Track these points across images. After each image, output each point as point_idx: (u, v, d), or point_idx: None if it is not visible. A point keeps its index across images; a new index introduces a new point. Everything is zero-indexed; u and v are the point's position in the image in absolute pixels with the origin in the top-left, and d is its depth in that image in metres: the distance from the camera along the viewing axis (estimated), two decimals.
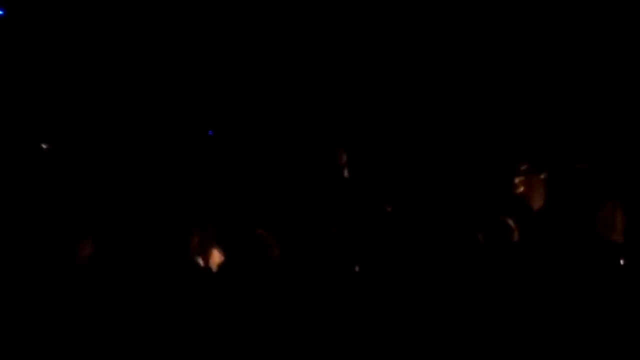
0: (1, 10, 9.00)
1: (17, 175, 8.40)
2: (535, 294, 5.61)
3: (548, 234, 6.88)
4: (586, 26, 8.78)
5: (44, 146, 8.69)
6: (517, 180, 7.88)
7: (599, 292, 5.61)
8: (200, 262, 6.26)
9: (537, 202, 7.85)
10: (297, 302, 5.81)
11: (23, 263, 6.28)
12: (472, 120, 9.07)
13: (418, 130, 9.09)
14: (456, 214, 7.55)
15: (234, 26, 9.15)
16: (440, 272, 5.91)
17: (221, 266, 6.34)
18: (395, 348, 5.62)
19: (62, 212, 7.88)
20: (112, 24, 9.09)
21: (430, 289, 5.80)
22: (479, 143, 8.91)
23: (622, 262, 5.98)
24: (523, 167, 7.96)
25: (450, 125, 9.12)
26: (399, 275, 5.96)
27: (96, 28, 9.08)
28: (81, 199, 8.21)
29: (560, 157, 8.33)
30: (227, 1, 9.17)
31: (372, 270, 6.17)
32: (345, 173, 7.86)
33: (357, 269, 6.11)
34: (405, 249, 6.48)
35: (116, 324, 5.86)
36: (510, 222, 6.19)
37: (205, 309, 5.86)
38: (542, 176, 7.92)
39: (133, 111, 9.12)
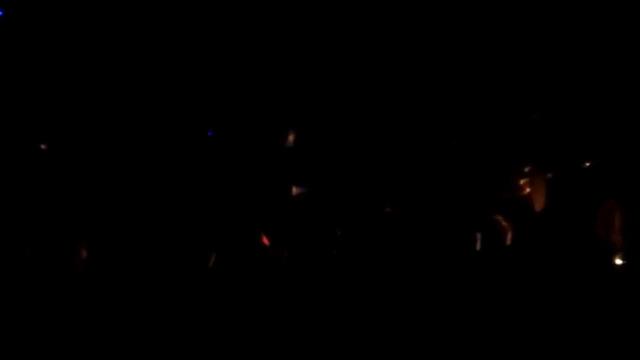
0: (1, 10, 9.00)
1: (16, 176, 8.41)
2: (535, 293, 5.61)
3: (549, 234, 6.88)
4: (586, 27, 8.78)
5: (43, 147, 8.69)
6: (521, 181, 7.90)
7: (599, 291, 5.61)
8: (202, 263, 6.27)
9: (539, 203, 7.86)
10: (295, 302, 5.82)
11: (23, 264, 6.28)
12: (475, 122, 9.07)
13: (421, 131, 9.08)
14: (457, 214, 7.55)
15: (233, 26, 9.15)
16: (440, 271, 5.91)
17: (221, 267, 6.36)
18: (395, 347, 5.62)
19: (61, 213, 7.89)
20: (112, 24, 9.08)
21: (429, 288, 5.80)
22: (481, 145, 8.91)
23: (620, 261, 5.99)
24: (526, 169, 7.97)
25: (453, 127, 9.12)
26: (398, 275, 5.96)
27: (96, 28, 9.07)
28: (80, 200, 8.22)
29: (560, 158, 8.33)
30: (227, 1, 9.17)
31: (372, 270, 6.16)
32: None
33: (356, 267, 6.11)
34: (405, 249, 6.48)
35: (115, 324, 5.87)
36: (504, 222, 6.20)
37: (204, 309, 5.87)
38: (545, 177, 7.94)
39: (133, 112, 9.11)
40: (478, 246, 6.18)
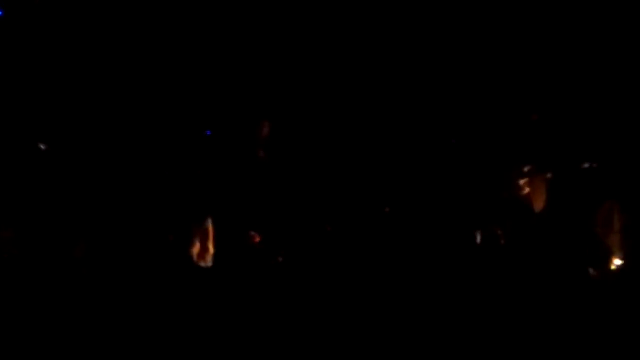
0: (1, 11, 9.00)
1: (16, 176, 8.42)
2: (535, 293, 5.62)
3: (548, 234, 6.89)
4: (586, 26, 8.78)
5: (42, 147, 8.69)
6: (521, 181, 7.90)
7: (598, 291, 5.62)
8: (197, 262, 6.27)
9: (539, 203, 7.86)
10: (293, 302, 5.82)
11: (22, 263, 6.29)
12: (474, 122, 9.07)
13: (420, 131, 9.08)
14: (455, 214, 7.55)
15: (233, 26, 9.15)
16: (438, 271, 5.91)
17: (216, 266, 6.36)
18: (393, 347, 5.62)
19: (60, 213, 7.89)
20: (112, 24, 9.09)
21: (428, 288, 5.80)
22: (480, 145, 8.91)
23: (620, 261, 6.00)
24: (525, 169, 7.98)
25: (453, 126, 9.12)
26: (395, 274, 5.96)
27: (96, 28, 9.08)
28: (79, 200, 8.22)
29: (560, 158, 8.33)
30: (227, 1, 9.17)
31: (370, 270, 6.16)
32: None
33: (353, 268, 6.11)
34: (402, 249, 6.48)
35: (114, 324, 5.87)
36: (503, 222, 6.21)
37: (201, 309, 5.87)
38: (545, 177, 7.94)
39: (132, 112, 9.12)
40: (477, 246, 6.18)
